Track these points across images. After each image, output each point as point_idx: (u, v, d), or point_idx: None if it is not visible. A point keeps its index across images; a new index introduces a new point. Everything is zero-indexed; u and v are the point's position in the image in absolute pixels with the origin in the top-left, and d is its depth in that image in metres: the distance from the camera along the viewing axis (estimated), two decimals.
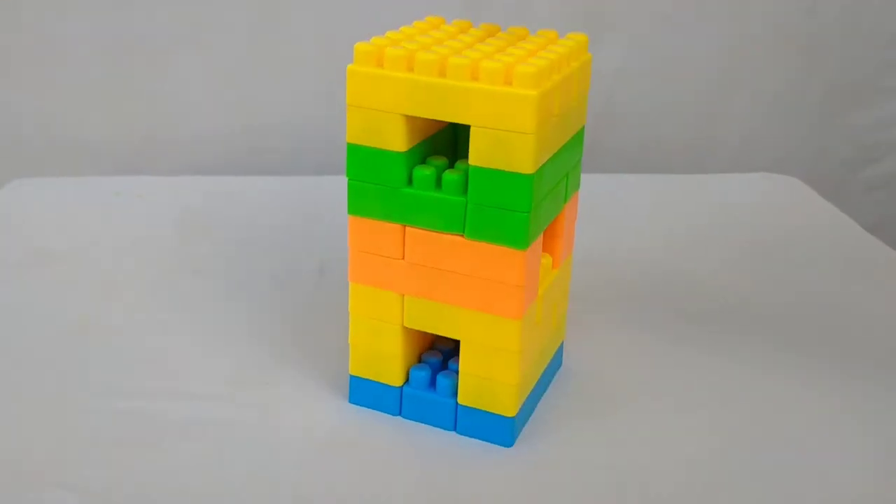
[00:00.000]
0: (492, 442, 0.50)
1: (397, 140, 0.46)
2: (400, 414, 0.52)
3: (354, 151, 0.48)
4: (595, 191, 0.74)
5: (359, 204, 0.49)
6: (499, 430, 0.50)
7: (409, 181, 0.48)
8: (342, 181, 0.51)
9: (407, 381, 0.52)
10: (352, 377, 0.53)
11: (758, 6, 0.93)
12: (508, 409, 0.50)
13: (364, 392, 0.53)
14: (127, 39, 0.88)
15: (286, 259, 0.71)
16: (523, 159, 0.44)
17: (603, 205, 0.80)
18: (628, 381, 0.57)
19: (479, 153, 0.45)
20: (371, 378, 0.52)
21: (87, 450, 0.49)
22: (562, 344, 0.57)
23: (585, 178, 0.58)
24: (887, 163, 1.02)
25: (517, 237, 0.46)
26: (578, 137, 0.52)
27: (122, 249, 0.72)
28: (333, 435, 0.51)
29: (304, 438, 0.51)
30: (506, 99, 0.43)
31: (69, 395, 0.54)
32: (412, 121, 0.46)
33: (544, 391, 0.55)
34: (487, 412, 0.50)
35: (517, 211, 0.45)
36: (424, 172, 0.47)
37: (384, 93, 0.46)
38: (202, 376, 0.56)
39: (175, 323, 0.62)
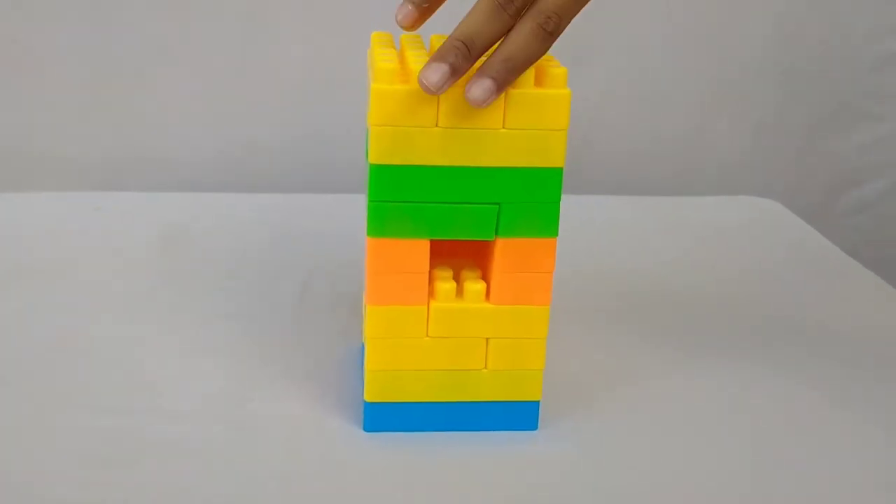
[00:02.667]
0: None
1: None
2: None
3: None
4: (578, 212, 0.75)
5: None
6: (358, 411, 0.53)
7: None
8: (326, 199, 0.57)
9: None
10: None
11: (739, 32, 0.95)
12: (366, 391, 0.52)
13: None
14: (109, 54, 0.88)
15: (269, 276, 0.71)
16: (370, 148, 0.48)
17: (586, 226, 0.82)
18: (598, 396, 0.57)
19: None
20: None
21: (66, 467, 0.49)
22: (534, 404, 0.53)
23: (569, 199, 0.54)
24: (868, 188, 1.04)
25: (368, 222, 0.49)
26: (535, 175, 0.48)
27: (102, 265, 0.72)
28: (316, 453, 0.51)
29: (287, 457, 0.51)
30: (371, 91, 0.48)
31: (48, 412, 0.53)
32: None
33: (472, 427, 0.53)
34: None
35: (368, 196, 0.49)
36: None
37: None
38: (184, 393, 0.56)
39: (156, 340, 0.61)
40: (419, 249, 0.50)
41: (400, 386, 0.52)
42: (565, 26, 0.47)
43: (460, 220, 0.49)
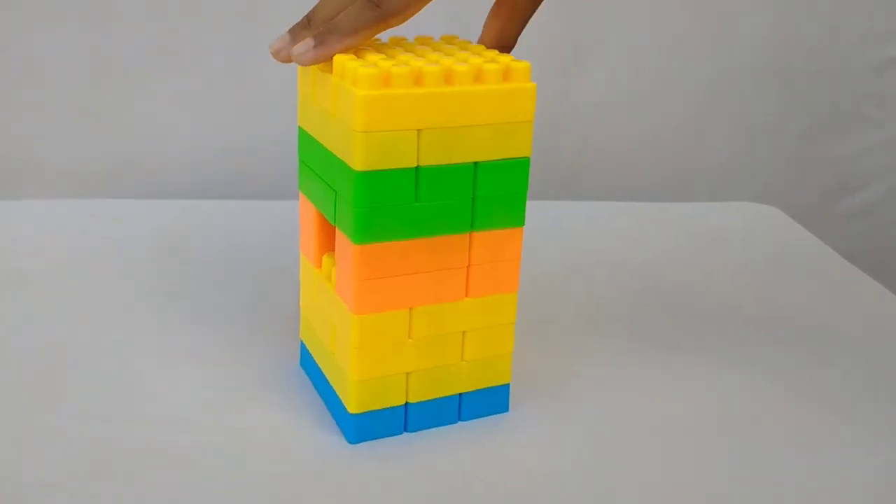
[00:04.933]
0: None
1: None
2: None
3: None
4: (576, 218, 0.73)
5: None
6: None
7: None
8: None
9: None
10: None
11: (737, 38, 0.95)
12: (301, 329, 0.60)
13: None
14: (103, 61, 0.87)
15: (265, 283, 0.71)
16: None
17: (584, 231, 0.83)
18: (596, 400, 0.59)
19: None
20: None
21: (60, 476, 0.48)
22: (352, 417, 0.52)
23: (567, 205, 0.65)
24: (865, 193, 1.04)
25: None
26: (347, 174, 0.48)
27: (96, 272, 0.71)
28: (309, 461, 0.51)
29: (281, 465, 0.51)
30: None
31: (41, 420, 0.53)
32: None
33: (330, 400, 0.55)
34: None
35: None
36: None
37: None
38: (177, 402, 0.56)
39: (150, 347, 0.61)
40: (310, 212, 0.55)
41: (309, 332, 0.58)
42: (397, 4, 0.49)
43: (322, 195, 0.53)
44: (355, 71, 0.47)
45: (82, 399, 0.55)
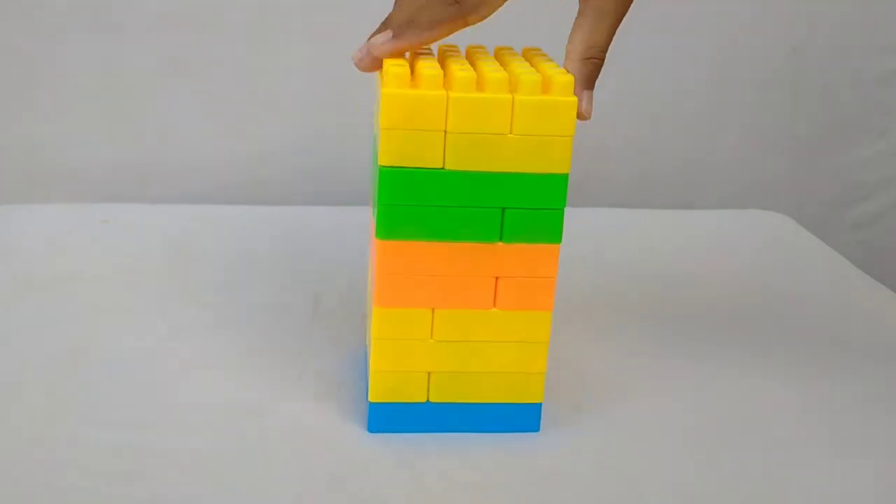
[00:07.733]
0: None
1: None
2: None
3: None
4: (588, 224, 0.73)
5: None
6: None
7: None
8: (333, 211, 0.57)
9: None
10: None
11: (745, 46, 0.96)
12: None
13: None
14: (116, 66, 0.87)
15: (278, 288, 0.70)
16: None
17: (592, 239, 0.82)
18: (603, 402, 0.59)
19: None
20: None
21: (77, 482, 0.48)
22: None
23: (578, 212, 0.61)
24: (873, 201, 1.05)
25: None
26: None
27: (109, 278, 0.71)
28: (331, 468, 0.51)
29: (301, 471, 0.50)
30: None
31: (58, 427, 0.52)
32: None
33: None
34: None
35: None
36: None
37: None
38: (194, 407, 0.55)
39: (165, 353, 0.61)
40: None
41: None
42: (474, 1, 0.49)
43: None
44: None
45: (101, 404, 0.55)
